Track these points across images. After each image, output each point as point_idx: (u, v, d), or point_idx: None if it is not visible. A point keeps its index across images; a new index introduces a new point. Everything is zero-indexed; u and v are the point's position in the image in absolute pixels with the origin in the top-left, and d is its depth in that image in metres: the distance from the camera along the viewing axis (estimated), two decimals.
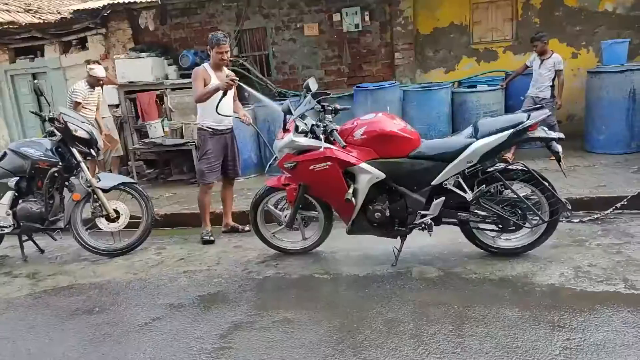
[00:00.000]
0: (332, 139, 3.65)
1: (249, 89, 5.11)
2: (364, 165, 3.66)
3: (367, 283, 3.61)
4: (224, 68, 4.84)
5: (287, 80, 8.23)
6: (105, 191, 4.66)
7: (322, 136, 3.66)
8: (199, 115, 4.84)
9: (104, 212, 4.64)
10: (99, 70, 6.45)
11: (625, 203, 4.46)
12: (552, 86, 6.19)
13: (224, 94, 4.43)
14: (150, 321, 3.37)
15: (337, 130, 3.70)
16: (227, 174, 5.02)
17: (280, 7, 8.11)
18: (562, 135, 3.59)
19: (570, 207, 3.64)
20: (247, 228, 4.93)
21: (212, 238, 4.85)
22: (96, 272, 4.40)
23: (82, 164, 4.60)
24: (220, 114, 4.52)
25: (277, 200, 4.27)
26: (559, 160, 3.61)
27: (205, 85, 4.60)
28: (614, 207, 4.45)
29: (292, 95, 7.39)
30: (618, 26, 7.17)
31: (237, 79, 4.53)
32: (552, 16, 7.37)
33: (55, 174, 4.58)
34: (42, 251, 5.01)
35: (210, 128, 4.77)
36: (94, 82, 6.46)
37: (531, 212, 3.62)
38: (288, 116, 3.85)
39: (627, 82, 6.13)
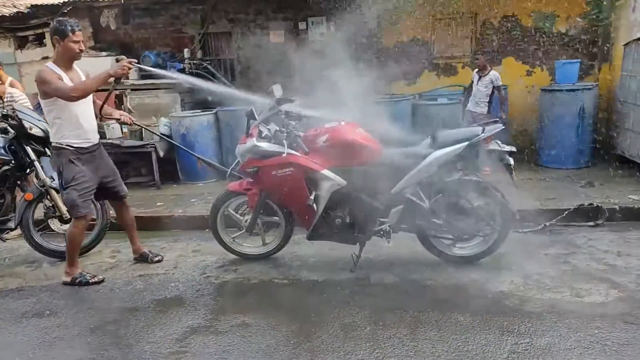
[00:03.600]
0: (295, 145, 3.69)
1: (160, 71, 4.52)
2: (326, 172, 3.70)
3: (326, 288, 3.65)
4: (75, 67, 3.82)
5: (251, 85, 8.22)
6: (59, 191, 4.52)
7: (285, 142, 3.69)
8: (53, 131, 3.80)
9: (57, 213, 4.50)
10: None
11: (566, 215, 4.70)
12: (490, 102, 6.42)
13: (117, 81, 3.64)
14: (103, 325, 3.29)
15: (300, 136, 3.74)
16: (115, 196, 4.22)
17: (247, 13, 8.12)
18: (514, 149, 3.75)
19: (519, 218, 3.79)
20: (156, 259, 4.36)
21: (95, 279, 3.99)
22: (48, 274, 4.26)
23: (36, 163, 4.46)
24: (103, 117, 3.87)
25: (238, 205, 4.26)
26: (510, 173, 3.76)
27: None
28: (556, 219, 4.67)
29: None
30: (570, 47, 7.55)
31: (135, 61, 3.76)
32: (509, 35, 7.69)
33: (7, 173, 4.45)
34: None
35: (72, 147, 3.76)
36: None
37: (484, 222, 3.76)
38: (251, 121, 3.86)
39: (578, 101, 6.46)
